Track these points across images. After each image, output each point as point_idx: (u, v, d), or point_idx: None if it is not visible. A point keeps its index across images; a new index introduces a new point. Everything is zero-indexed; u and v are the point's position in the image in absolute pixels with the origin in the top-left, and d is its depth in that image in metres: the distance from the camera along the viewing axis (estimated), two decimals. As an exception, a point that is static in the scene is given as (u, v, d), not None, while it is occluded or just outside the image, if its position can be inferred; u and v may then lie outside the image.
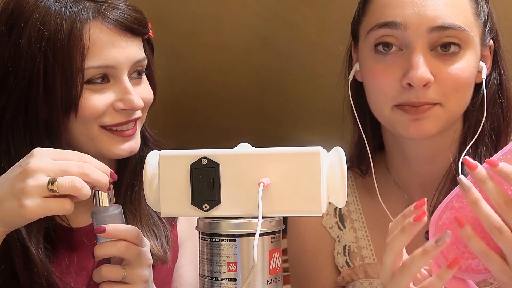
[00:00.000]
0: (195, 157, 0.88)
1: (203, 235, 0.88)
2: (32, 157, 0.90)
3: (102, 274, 0.98)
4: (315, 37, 1.78)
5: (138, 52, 1.10)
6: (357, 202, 1.24)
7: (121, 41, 1.06)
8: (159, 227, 1.16)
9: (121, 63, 1.06)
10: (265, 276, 0.86)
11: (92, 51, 1.04)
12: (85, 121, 1.06)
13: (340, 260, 1.22)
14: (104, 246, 0.97)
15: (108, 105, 1.06)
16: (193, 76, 1.91)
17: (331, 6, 1.70)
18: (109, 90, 1.07)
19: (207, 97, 1.99)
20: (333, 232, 1.24)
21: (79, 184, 0.89)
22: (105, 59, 1.04)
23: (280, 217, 0.89)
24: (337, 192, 0.89)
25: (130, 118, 1.09)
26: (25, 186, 0.88)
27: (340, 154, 0.89)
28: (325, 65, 1.82)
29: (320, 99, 1.91)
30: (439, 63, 1.06)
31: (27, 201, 0.87)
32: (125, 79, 1.07)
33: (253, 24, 1.79)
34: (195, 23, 1.79)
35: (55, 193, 0.88)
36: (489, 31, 1.12)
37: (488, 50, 1.14)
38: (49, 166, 0.89)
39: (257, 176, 0.87)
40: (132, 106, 1.07)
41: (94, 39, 1.04)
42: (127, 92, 1.07)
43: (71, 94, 1.03)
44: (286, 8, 1.74)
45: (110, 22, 1.05)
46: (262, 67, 1.90)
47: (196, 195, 0.88)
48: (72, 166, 0.90)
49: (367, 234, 1.21)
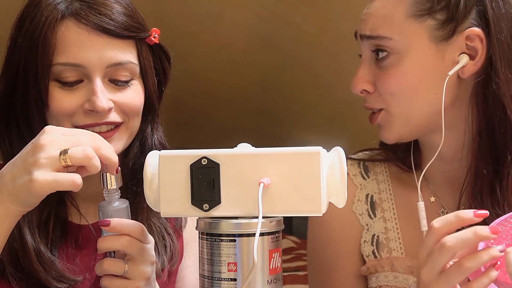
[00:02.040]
0: (195, 157, 0.88)
1: (203, 235, 0.88)
2: (43, 133, 0.91)
3: (104, 267, 0.98)
4: (315, 37, 1.78)
5: (118, 55, 1.08)
6: (389, 191, 1.22)
7: (94, 40, 1.06)
8: (166, 239, 1.15)
9: (90, 63, 1.05)
10: (265, 276, 0.86)
11: (61, 48, 1.05)
12: (57, 119, 1.07)
13: (367, 249, 1.20)
14: (107, 239, 0.97)
15: (77, 105, 1.07)
16: (193, 76, 1.91)
17: (331, 6, 1.70)
18: (81, 90, 1.07)
19: (207, 97, 1.99)
20: (362, 219, 1.21)
21: (92, 154, 0.89)
22: (73, 57, 1.05)
23: (280, 217, 0.89)
24: (337, 192, 0.88)
25: (99, 121, 1.08)
26: (36, 159, 0.88)
27: (340, 154, 0.89)
28: (325, 65, 1.82)
29: (320, 99, 1.91)
30: (377, 71, 1.10)
31: (38, 174, 0.87)
32: (96, 81, 1.06)
33: (253, 24, 1.80)
34: (195, 23, 1.79)
35: (67, 164, 0.88)
36: (448, 22, 1.07)
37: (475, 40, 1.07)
38: (60, 140, 0.90)
39: (257, 176, 0.86)
40: (95, 107, 1.06)
41: (65, 37, 1.05)
42: (94, 93, 1.06)
43: (40, 88, 1.05)
44: (286, 8, 1.74)
45: (83, 23, 1.06)
46: (263, 67, 1.90)
47: (196, 195, 0.88)
48: (85, 138, 0.91)
49: (397, 226, 1.19)
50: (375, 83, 1.11)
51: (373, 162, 1.24)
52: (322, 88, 1.87)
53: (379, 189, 1.22)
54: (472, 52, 1.07)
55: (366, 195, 1.22)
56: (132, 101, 1.10)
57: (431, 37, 1.07)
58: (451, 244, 0.87)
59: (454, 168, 1.15)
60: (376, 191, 1.22)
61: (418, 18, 1.07)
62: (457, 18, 1.06)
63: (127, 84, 1.10)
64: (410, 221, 1.17)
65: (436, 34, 1.07)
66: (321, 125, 1.96)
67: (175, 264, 1.16)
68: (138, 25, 1.10)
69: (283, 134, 2.02)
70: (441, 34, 1.07)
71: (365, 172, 1.23)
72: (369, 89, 1.11)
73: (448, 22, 1.07)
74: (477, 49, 1.07)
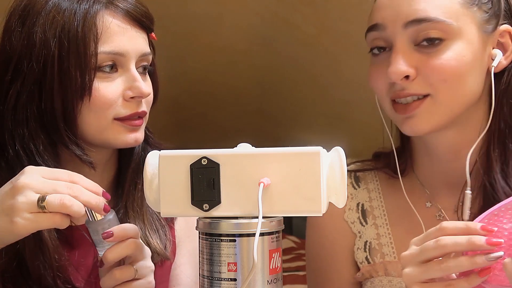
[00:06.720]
0: (195, 157, 0.88)
1: (203, 235, 0.88)
2: (22, 174, 0.92)
3: (118, 278, 0.98)
4: (315, 37, 1.78)
5: (145, 45, 1.13)
6: (380, 199, 1.24)
7: (131, 31, 1.10)
8: (159, 226, 1.18)
9: (129, 52, 1.09)
10: (265, 276, 0.86)
11: (104, 37, 1.07)
12: (98, 110, 1.07)
13: (360, 256, 1.22)
14: (116, 248, 0.97)
15: (118, 93, 1.08)
16: (193, 76, 1.91)
17: (331, 6, 1.70)
18: (118, 78, 1.09)
19: (207, 98, 1.99)
20: (354, 227, 1.24)
21: (69, 202, 0.89)
22: (116, 46, 1.07)
23: (280, 217, 0.89)
24: (337, 192, 0.88)
25: (139, 110, 1.10)
26: (14, 202, 0.89)
27: (340, 154, 0.89)
28: (325, 65, 1.82)
29: (320, 99, 1.92)
30: (422, 56, 1.08)
31: (17, 218, 0.88)
32: (133, 68, 1.10)
33: (253, 24, 1.80)
34: (195, 24, 1.80)
35: (44, 210, 0.89)
36: (494, 16, 1.11)
37: (506, 36, 1.13)
38: (39, 184, 0.90)
39: (257, 176, 0.87)
40: (141, 92, 1.09)
41: (106, 26, 1.07)
42: (135, 79, 1.09)
43: (85, 78, 1.06)
44: (286, 8, 1.74)
45: (121, 12, 1.09)
46: (262, 68, 1.91)
47: (196, 195, 0.88)
48: (61, 186, 0.91)
49: (389, 232, 1.21)
50: (419, 69, 1.08)
51: (364, 172, 1.26)
52: (322, 88, 1.87)
53: (370, 197, 1.24)
54: (501, 47, 1.12)
55: (357, 204, 1.24)
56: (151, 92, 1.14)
57: (479, 28, 1.10)
58: (444, 243, 0.87)
59: (453, 169, 1.15)
60: (367, 200, 1.24)
61: (469, 7, 1.09)
62: (498, 14, 1.11)
63: (146, 75, 1.14)
64: (402, 226, 1.20)
65: (483, 25, 1.10)
66: (321, 125, 1.96)
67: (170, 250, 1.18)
68: (152, 17, 1.15)
69: (283, 134, 2.02)
70: (487, 26, 1.10)
71: (355, 182, 1.26)
72: (412, 75, 1.07)
73: (493, 17, 1.11)
74: (508, 44, 1.12)
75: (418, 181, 1.20)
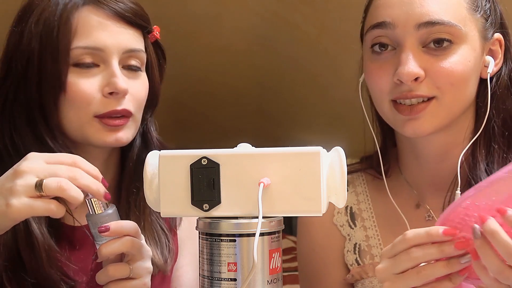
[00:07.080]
0: (195, 157, 0.88)
1: (203, 235, 0.89)
2: (25, 159, 0.92)
3: (110, 274, 0.98)
4: (315, 37, 1.78)
5: (132, 42, 1.11)
6: (368, 201, 1.25)
7: (113, 26, 1.09)
8: (161, 236, 1.16)
9: (109, 47, 1.08)
10: (265, 276, 0.86)
11: (82, 32, 1.07)
12: (77, 107, 1.07)
13: (350, 258, 1.23)
14: (110, 244, 0.96)
15: (95, 89, 1.07)
16: (193, 76, 1.91)
17: (331, 6, 1.70)
18: (98, 75, 1.08)
19: (207, 98, 1.99)
20: (343, 230, 1.25)
21: (66, 185, 0.89)
22: (93, 41, 1.07)
23: (280, 217, 0.89)
24: (337, 192, 0.89)
25: (118, 108, 1.08)
26: (13, 185, 0.89)
27: (340, 154, 0.89)
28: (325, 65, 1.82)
29: (320, 99, 1.91)
30: (430, 58, 1.08)
31: (13, 200, 0.88)
32: (115, 64, 1.08)
33: (253, 24, 1.79)
34: (195, 24, 1.79)
35: (41, 194, 0.89)
36: (491, 25, 1.13)
37: (496, 45, 1.15)
38: (39, 168, 0.90)
39: (257, 176, 0.87)
40: (115, 87, 1.07)
41: (83, 21, 1.07)
42: (113, 75, 1.07)
43: (59, 74, 1.06)
44: (286, 8, 1.74)
45: (102, 7, 1.08)
46: (262, 68, 1.90)
47: (196, 195, 0.88)
48: (62, 169, 0.91)
49: (377, 233, 1.22)
50: (427, 71, 1.08)
51: (351, 176, 1.27)
52: (322, 89, 1.87)
53: (358, 200, 1.25)
54: (491, 55, 1.14)
55: (345, 207, 1.26)
56: (140, 93, 1.13)
57: (480, 34, 1.12)
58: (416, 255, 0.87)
59: (440, 169, 1.16)
60: (355, 203, 1.25)
61: (473, 13, 1.11)
62: (495, 22, 1.14)
63: (136, 74, 1.12)
64: (390, 227, 1.21)
65: (483, 32, 1.12)
66: (321, 125, 1.96)
67: (171, 263, 1.16)
68: (147, 17, 1.14)
69: (283, 134, 2.02)
70: (486, 34, 1.12)
71: None
72: (422, 77, 1.08)
73: (491, 25, 1.13)
74: (498, 52, 1.15)
75: (406, 182, 1.21)
